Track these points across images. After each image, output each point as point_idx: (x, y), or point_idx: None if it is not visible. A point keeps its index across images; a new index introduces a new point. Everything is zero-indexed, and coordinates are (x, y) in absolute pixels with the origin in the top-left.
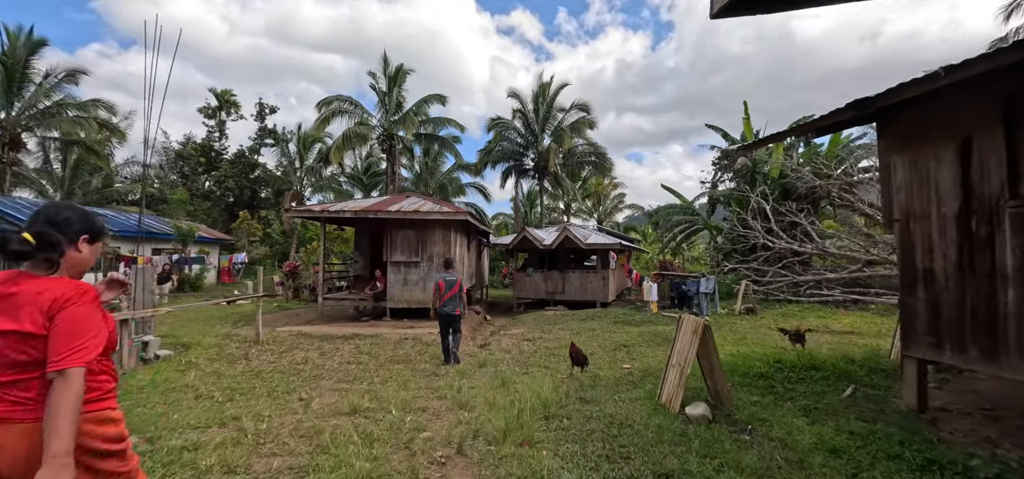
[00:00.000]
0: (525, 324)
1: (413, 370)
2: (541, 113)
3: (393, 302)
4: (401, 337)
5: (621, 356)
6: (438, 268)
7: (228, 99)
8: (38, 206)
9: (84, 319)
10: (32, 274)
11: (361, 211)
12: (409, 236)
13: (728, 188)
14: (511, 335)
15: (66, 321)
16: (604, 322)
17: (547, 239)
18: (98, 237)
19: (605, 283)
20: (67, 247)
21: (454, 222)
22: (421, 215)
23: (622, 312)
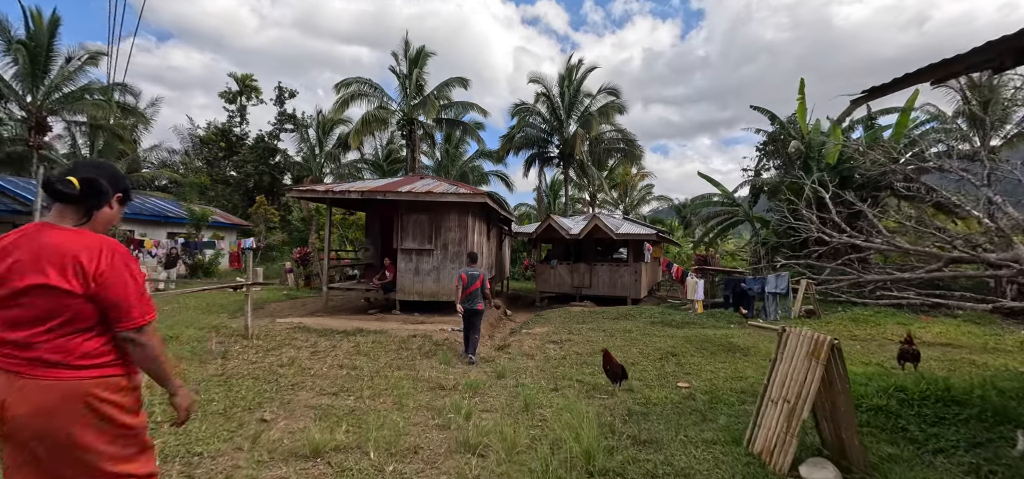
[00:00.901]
0: (549, 322)
1: (415, 380)
2: (567, 98)
3: (403, 294)
4: (409, 334)
5: (671, 369)
6: (453, 257)
7: (248, 83)
8: None
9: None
10: (56, 225)
11: (368, 192)
12: (421, 221)
13: (773, 177)
14: (534, 335)
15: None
16: (640, 322)
17: (574, 228)
18: (128, 197)
19: (637, 278)
20: (102, 202)
21: (472, 206)
22: (434, 197)
23: (658, 311)
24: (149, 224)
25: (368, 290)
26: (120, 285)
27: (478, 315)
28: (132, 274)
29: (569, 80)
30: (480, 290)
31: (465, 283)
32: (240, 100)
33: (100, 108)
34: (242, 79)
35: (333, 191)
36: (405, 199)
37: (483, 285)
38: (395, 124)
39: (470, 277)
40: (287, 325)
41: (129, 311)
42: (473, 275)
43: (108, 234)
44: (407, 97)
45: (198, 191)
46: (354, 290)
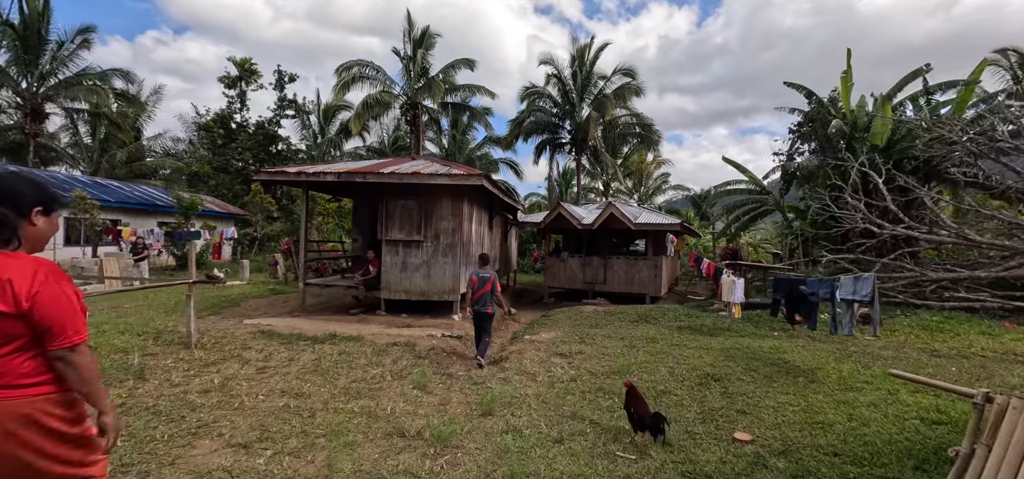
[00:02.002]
0: (557, 325)
1: (371, 418)
2: (579, 80)
3: (388, 291)
4: (389, 341)
5: (717, 402)
6: (446, 250)
7: (248, 68)
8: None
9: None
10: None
11: (346, 173)
12: (409, 207)
13: (809, 160)
14: (538, 343)
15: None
16: (664, 327)
17: (587, 217)
18: (53, 208)
19: (657, 273)
20: (20, 222)
21: (467, 190)
22: (422, 179)
23: (682, 312)
24: (137, 213)
25: (350, 287)
26: (52, 306)
27: (488, 318)
28: (66, 294)
29: (581, 61)
30: (491, 293)
31: (475, 286)
32: (240, 85)
33: (95, 94)
34: (241, 63)
35: (305, 173)
36: (388, 182)
37: (494, 288)
38: (398, 109)
39: (480, 280)
40: (251, 328)
41: (62, 331)
42: (483, 277)
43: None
44: (411, 80)
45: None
46: (334, 286)
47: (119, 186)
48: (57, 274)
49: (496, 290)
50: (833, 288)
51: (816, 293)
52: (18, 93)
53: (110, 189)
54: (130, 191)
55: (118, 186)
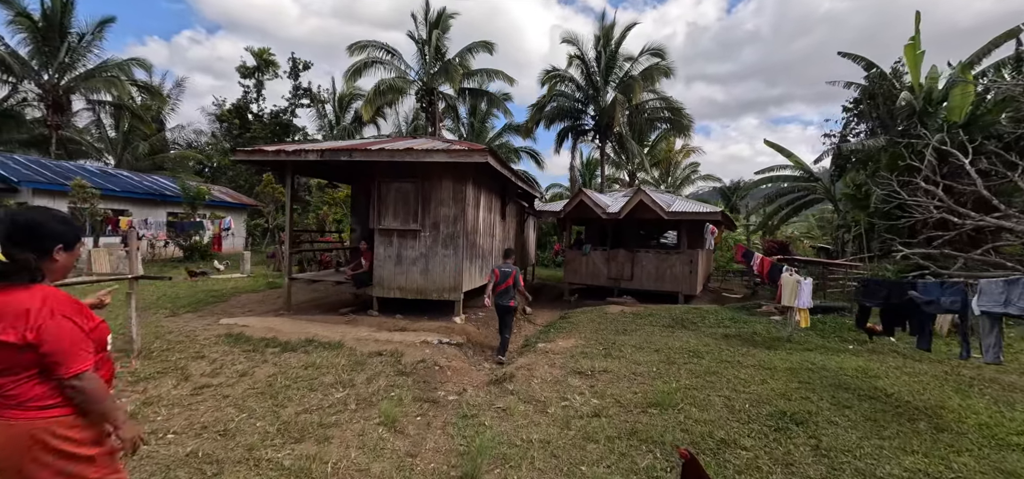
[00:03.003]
0: (577, 329)
1: (317, 463)
2: (603, 61)
3: (381, 288)
4: (372, 350)
5: (804, 459)
6: (447, 241)
7: (266, 58)
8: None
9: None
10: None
11: (329, 151)
12: (405, 192)
13: (869, 142)
14: (553, 355)
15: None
16: (706, 336)
17: (612, 205)
18: (74, 244)
19: (692, 269)
20: (43, 261)
21: (470, 169)
22: (416, 156)
23: (726, 314)
24: (144, 203)
25: (339, 282)
26: (55, 337)
27: (510, 312)
28: (67, 326)
29: (606, 41)
30: (513, 286)
31: (497, 279)
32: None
33: (114, 85)
34: (259, 53)
35: (285, 151)
36: (377, 160)
37: (516, 281)
38: (413, 95)
39: (503, 273)
40: (222, 330)
41: (63, 360)
42: (505, 271)
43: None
44: (426, 64)
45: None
46: (322, 281)
47: (127, 176)
48: (63, 305)
49: (519, 283)
50: (963, 296)
51: (935, 301)
52: (40, 85)
53: (118, 179)
54: (138, 181)
55: (126, 176)
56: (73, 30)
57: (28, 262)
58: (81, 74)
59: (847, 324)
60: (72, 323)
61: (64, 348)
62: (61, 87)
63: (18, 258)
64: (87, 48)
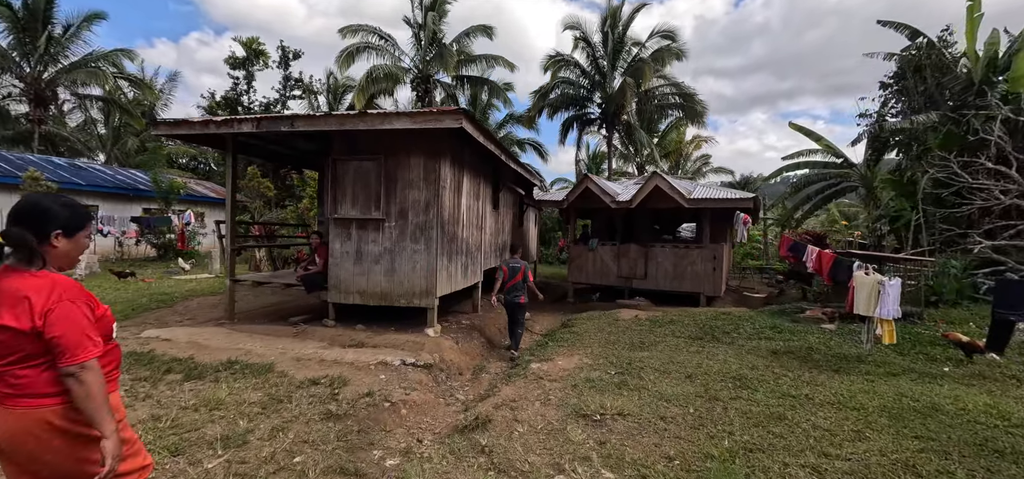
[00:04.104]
0: (582, 341)
1: None
2: (610, 44)
3: (338, 292)
4: (305, 380)
5: None
6: (417, 234)
7: (255, 48)
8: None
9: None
10: (15, 269)
11: (267, 120)
12: (366, 173)
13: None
14: (550, 383)
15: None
16: (750, 353)
17: (623, 193)
18: (75, 231)
19: (716, 266)
20: (41, 244)
21: (447, 141)
22: (372, 121)
23: (764, 321)
24: (115, 198)
25: (290, 285)
26: (62, 324)
27: (521, 308)
28: (77, 313)
29: (613, 23)
30: (523, 282)
31: (506, 276)
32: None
33: (96, 76)
34: (248, 43)
35: (214, 122)
36: (324, 129)
37: (526, 277)
38: (409, 83)
39: (511, 269)
40: (137, 344)
41: (68, 348)
42: (515, 267)
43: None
44: (421, 50)
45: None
46: (271, 283)
47: (98, 169)
48: (72, 292)
49: (529, 279)
50: None
51: None
52: (21, 78)
53: (86, 172)
54: (111, 174)
55: (97, 169)
56: (57, 21)
57: (23, 239)
58: (65, 67)
59: (925, 335)
60: (81, 309)
61: (71, 334)
62: (44, 80)
63: (13, 234)
64: (71, 41)
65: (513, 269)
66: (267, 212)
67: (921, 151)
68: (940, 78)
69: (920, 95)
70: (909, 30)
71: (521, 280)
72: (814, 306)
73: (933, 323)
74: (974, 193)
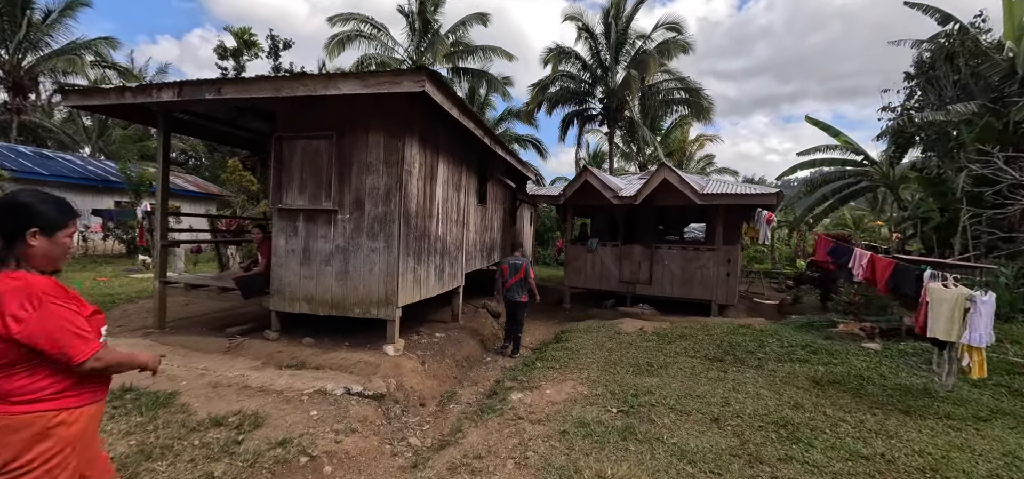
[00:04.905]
0: (577, 361)
1: None
2: (614, 36)
3: (282, 298)
4: (210, 418)
5: None
6: (376, 228)
7: (247, 38)
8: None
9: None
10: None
11: (191, 86)
12: (315, 153)
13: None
14: (533, 428)
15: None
16: (784, 380)
17: (626, 188)
18: (55, 230)
19: (730, 270)
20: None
21: (412, 109)
22: (312, 85)
23: (793, 336)
24: (84, 190)
25: (227, 288)
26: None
27: (522, 307)
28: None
29: (616, 13)
30: (524, 280)
31: (507, 274)
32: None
33: (73, 65)
34: (239, 34)
35: (129, 90)
36: (257, 96)
37: (527, 275)
38: None
39: (512, 267)
40: None
41: (62, 351)
42: (515, 264)
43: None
44: (415, 38)
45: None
46: (206, 286)
47: (66, 159)
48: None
49: (529, 278)
50: None
51: None
52: None
53: (52, 163)
54: (80, 165)
55: (65, 159)
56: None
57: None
58: (45, 55)
59: (996, 361)
60: (62, 307)
61: (62, 338)
62: (23, 68)
63: None
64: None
65: (514, 267)
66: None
67: (955, 146)
68: (976, 66)
69: (953, 86)
70: (939, 14)
71: (522, 278)
72: (846, 319)
73: (998, 344)
74: (1017, 191)
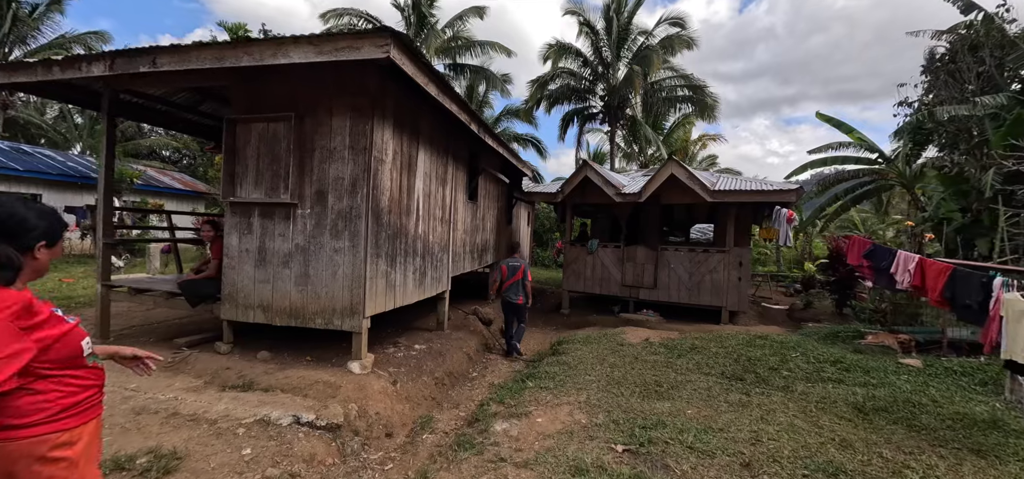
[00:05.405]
0: (575, 378)
1: None
2: (615, 31)
3: (234, 305)
4: (108, 460)
5: None
6: (339, 225)
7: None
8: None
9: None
10: None
11: (124, 58)
12: (273, 138)
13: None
14: (517, 468)
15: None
16: (820, 407)
17: (629, 185)
18: (57, 239)
19: (742, 274)
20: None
21: (384, 85)
22: (256, 53)
23: (818, 349)
24: (63, 187)
25: (174, 294)
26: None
27: (520, 308)
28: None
29: (618, 7)
30: (522, 282)
31: (505, 275)
32: None
33: None
34: (233, 29)
35: (57, 64)
36: (197, 67)
37: (525, 277)
38: None
39: (511, 268)
40: None
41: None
42: (513, 266)
43: None
44: (410, 32)
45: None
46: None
47: (45, 154)
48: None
49: (527, 280)
50: None
51: None
52: None
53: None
54: (60, 161)
55: (44, 154)
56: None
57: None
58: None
59: None
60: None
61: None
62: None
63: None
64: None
65: (512, 268)
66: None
67: (979, 141)
68: (1002, 57)
69: (976, 77)
70: (962, 2)
71: (520, 279)
72: (873, 328)
73: None
74: None
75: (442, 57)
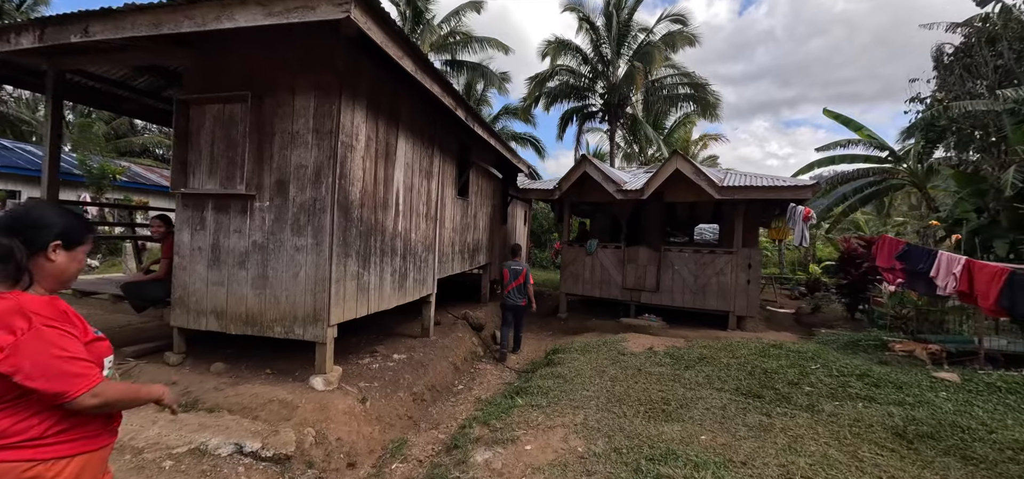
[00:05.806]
0: (571, 394)
1: None
2: (615, 28)
3: (185, 310)
4: None
5: None
6: (301, 219)
7: None
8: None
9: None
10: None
11: (55, 27)
12: (230, 121)
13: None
14: None
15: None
16: (854, 431)
17: (631, 182)
18: (77, 242)
19: (751, 277)
20: (33, 257)
21: (352, 59)
22: (199, 17)
23: (842, 362)
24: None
25: (120, 297)
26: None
27: (520, 311)
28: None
29: (618, 3)
30: (524, 285)
31: (507, 278)
32: None
33: None
34: None
35: None
36: (132, 34)
37: (526, 280)
38: None
39: (512, 272)
40: None
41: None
42: (515, 270)
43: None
44: (405, 26)
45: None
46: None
47: (25, 149)
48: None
49: (529, 284)
50: None
51: None
52: None
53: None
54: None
55: (24, 150)
56: None
57: (10, 250)
58: None
59: None
60: (59, 331)
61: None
62: None
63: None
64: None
65: (514, 271)
66: None
67: (996, 138)
68: (1021, 50)
69: (994, 71)
70: None
71: (521, 283)
72: (896, 336)
73: None
74: None
75: (440, 53)
